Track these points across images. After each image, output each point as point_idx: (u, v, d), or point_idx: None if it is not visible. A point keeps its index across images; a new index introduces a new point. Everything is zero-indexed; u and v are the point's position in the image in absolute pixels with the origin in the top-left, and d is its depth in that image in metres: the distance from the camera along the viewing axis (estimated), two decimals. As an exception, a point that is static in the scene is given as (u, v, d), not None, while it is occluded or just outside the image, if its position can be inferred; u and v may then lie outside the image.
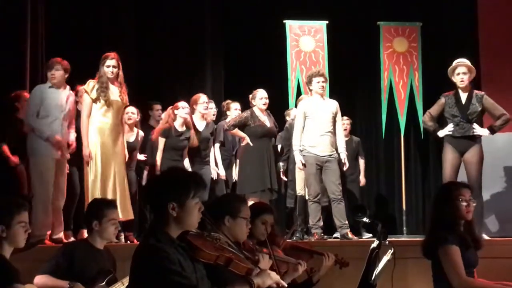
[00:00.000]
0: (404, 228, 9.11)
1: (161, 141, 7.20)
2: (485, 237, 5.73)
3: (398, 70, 9.50)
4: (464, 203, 3.90)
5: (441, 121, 6.76)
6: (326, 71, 8.98)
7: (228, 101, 8.21)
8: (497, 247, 5.64)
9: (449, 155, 6.62)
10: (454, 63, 6.72)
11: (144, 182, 7.48)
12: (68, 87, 6.42)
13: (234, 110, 7.95)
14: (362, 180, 8.65)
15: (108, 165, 6.32)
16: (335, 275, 4.87)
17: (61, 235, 6.26)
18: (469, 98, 6.60)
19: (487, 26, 9.49)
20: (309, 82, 7.12)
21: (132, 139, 7.17)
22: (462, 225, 3.89)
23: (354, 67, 9.93)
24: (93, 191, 6.19)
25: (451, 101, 6.67)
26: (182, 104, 7.29)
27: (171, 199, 2.88)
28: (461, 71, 6.62)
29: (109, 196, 6.08)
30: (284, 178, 7.95)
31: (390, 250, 3.98)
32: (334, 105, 7.08)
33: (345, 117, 8.47)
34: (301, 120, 7.04)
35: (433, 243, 3.87)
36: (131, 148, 7.10)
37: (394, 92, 9.45)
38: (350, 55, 9.86)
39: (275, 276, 3.10)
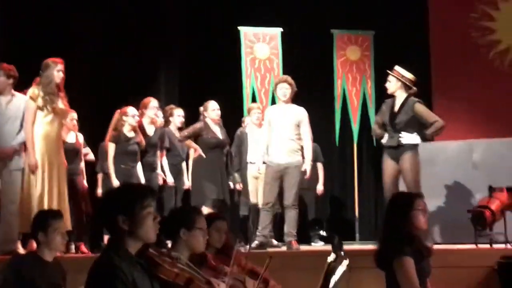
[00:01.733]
0: (357, 235, 9.19)
1: (111, 147, 7.10)
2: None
3: (351, 78, 9.59)
4: (422, 213, 3.92)
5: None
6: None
7: (172, 106, 8.10)
8: (442, 256, 5.68)
9: (385, 164, 6.70)
10: None
11: (99, 190, 7.35)
12: (16, 93, 6.23)
13: (177, 117, 7.84)
14: (320, 189, 8.68)
15: (53, 174, 6.19)
16: (292, 286, 4.91)
17: (13, 245, 6.08)
18: (402, 106, 6.65)
19: (438, 34, 9.69)
20: (275, 89, 7.06)
21: (72, 140, 7.04)
22: (417, 236, 3.89)
23: (308, 75, 9.92)
24: (40, 201, 6.04)
25: (386, 109, 6.77)
26: (131, 111, 7.16)
27: (119, 212, 2.84)
28: (388, 79, 6.76)
29: (55, 205, 5.96)
30: (239, 188, 7.94)
31: (345, 261, 3.96)
32: (299, 112, 6.94)
33: None
34: (266, 128, 6.99)
35: (387, 254, 3.87)
36: (74, 150, 6.97)
37: (347, 100, 9.54)
38: (304, 62, 9.88)
39: None
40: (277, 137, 6.83)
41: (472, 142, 7.47)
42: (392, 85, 6.73)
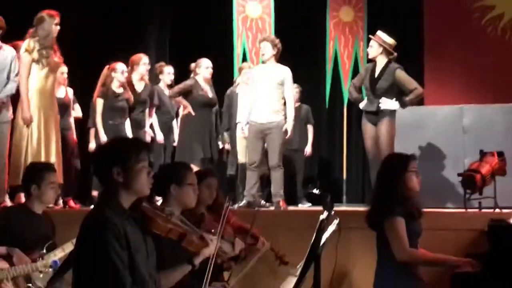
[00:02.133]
0: (344, 197, 9.22)
1: (99, 103, 7.07)
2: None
3: (343, 39, 9.51)
4: (415, 175, 3.93)
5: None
6: (272, 38, 8.95)
7: (162, 63, 8.03)
8: (432, 219, 5.71)
9: (364, 128, 6.75)
10: None
11: (90, 145, 7.30)
12: (3, 45, 6.11)
13: (166, 74, 7.79)
14: (308, 150, 8.72)
15: (50, 128, 6.14)
16: (281, 244, 4.94)
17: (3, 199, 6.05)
18: (382, 72, 6.67)
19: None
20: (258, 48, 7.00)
21: (62, 95, 6.97)
22: (409, 197, 3.90)
23: (300, 35, 9.87)
24: (37, 155, 5.99)
25: (366, 73, 6.77)
26: (120, 67, 7.12)
27: (114, 164, 2.82)
28: (370, 44, 6.80)
29: (53, 159, 5.92)
30: (227, 147, 7.93)
31: (335, 220, 3.97)
32: (282, 71, 6.84)
33: (295, 84, 8.47)
34: (250, 87, 6.95)
35: (379, 214, 3.88)
36: (64, 105, 6.91)
37: (339, 62, 9.48)
38: (297, 22, 9.79)
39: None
40: (260, 97, 6.77)
41: (462, 107, 7.46)
42: (374, 50, 6.75)
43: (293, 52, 9.80)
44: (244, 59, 9.03)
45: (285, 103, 6.89)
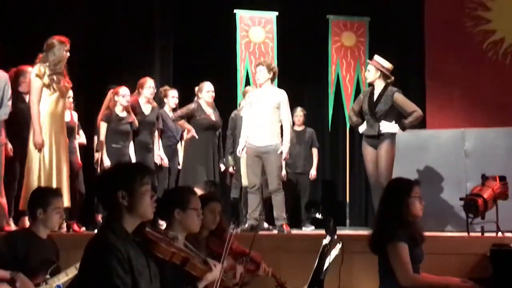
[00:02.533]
0: (347, 220, 9.22)
1: (103, 126, 7.13)
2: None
3: (345, 64, 9.59)
4: (418, 200, 3.94)
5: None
6: (275, 62, 9.03)
7: (166, 87, 8.09)
8: (434, 243, 5.72)
9: (365, 151, 6.78)
10: None
11: (96, 167, 7.35)
12: None
13: (171, 98, 7.85)
14: (313, 173, 8.75)
15: (61, 152, 6.20)
16: (284, 268, 4.94)
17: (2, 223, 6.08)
18: (381, 95, 6.71)
19: (433, 23, 9.70)
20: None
21: (67, 118, 7.03)
22: (412, 222, 3.91)
23: (303, 59, 9.95)
24: (49, 179, 6.03)
25: (365, 97, 6.82)
26: (123, 91, 7.17)
27: (119, 187, 2.85)
28: (367, 68, 6.87)
29: (64, 183, 5.97)
30: (232, 171, 7.96)
31: (338, 245, 3.99)
32: (278, 94, 6.87)
33: (299, 108, 8.64)
34: (247, 111, 7.00)
35: (381, 239, 3.89)
36: (70, 128, 6.97)
37: (341, 86, 9.55)
38: (299, 47, 9.88)
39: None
40: (257, 120, 6.81)
41: (464, 131, 7.47)
42: (371, 74, 6.80)
43: (295, 76, 9.91)
44: (247, 83, 9.10)
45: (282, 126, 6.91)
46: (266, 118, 6.77)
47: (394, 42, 9.56)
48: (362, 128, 6.81)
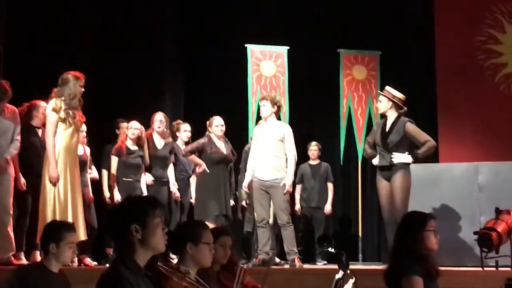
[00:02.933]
0: (360, 255, 9.14)
1: (113, 160, 7.22)
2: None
3: (357, 97, 9.60)
4: (433, 234, 3.90)
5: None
6: (286, 96, 9.10)
7: (179, 121, 8.15)
8: (449, 278, 5.66)
9: (379, 184, 6.75)
10: None
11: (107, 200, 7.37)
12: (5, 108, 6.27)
13: (183, 132, 7.89)
14: (328, 208, 8.77)
15: (76, 186, 6.24)
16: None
17: (9, 256, 6.07)
18: (393, 126, 6.69)
19: (444, 56, 9.71)
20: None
21: (80, 152, 7.07)
22: (427, 256, 3.87)
23: (314, 93, 10.00)
24: (64, 213, 6.04)
25: (378, 129, 6.80)
26: (132, 124, 7.30)
27: (132, 221, 2.84)
28: (379, 99, 6.88)
29: (80, 217, 5.98)
30: (245, 204, 7.95)
31: (351, 280, 3.95)
32: (283, 128, 6.94)
33: (313, 142, 8.69)
34: (252, 144, 7.04)
35: (396, 273, 3.84)
36: (82, 162, 7.01)
37: (352, 119, 9.55)
38: (310, 81, 9.94)
39: None
40: (262, 154, 6.84)
41: (478, 164, 7.44)
42: (383, 105, 6.79)
43: (307, 109, 9.95)
44: (259, 116, 9.11)
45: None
46: (271, 152, 6.80)
47: (405, 75, 9.57)
48: (375, 161, 6.79)
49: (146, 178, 7.36)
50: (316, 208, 8.66)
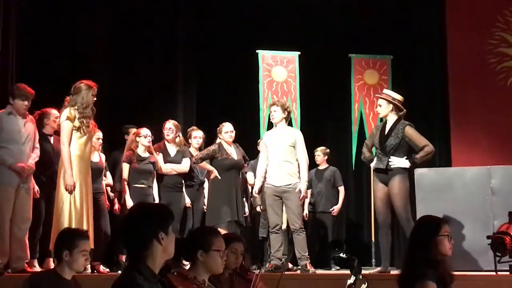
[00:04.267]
0: (373, 260, 9.10)
1: (125, 167, 7.25)
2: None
3: (368, 102, 9.57)
4: (447, 239, 3.88)
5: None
6: (297, 101, 9.09)
7: (193, 127, 8.19)
8: (462, 283, 5.63)
9: (375, 186, 6.73)
10: None
11: (116, 208, 7.40)
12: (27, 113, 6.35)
13: (193, 138, 7.92)
14: (336, 208, 8.71)
15: (89, 194, 6.28)
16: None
17: (23, 264, 6.11)
18: (392, 129, 6.64)
19: (456, 60, 9.66)
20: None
21: (96, 159, 7.10)
22: (441, 261, 3.85)
23: (325, 98, 9.99)
24: (80, 220, 6.08)
25: (377, 132, 6.77)
26: (144, 132, 7.32)
27: (160, 229, 2.86)
28: (378, 103, 6.83)
29: (91, 225, 6.02)
30: (259, 210, 7.96)
31: (363, 285, 3.95)
32: (293, 134, 6.95)
33: (322, 147, 8.66)
34: (263, 151, 7.04)
35: (410, 278, 3.82)
36: (99, 169, 7.04)
37: (364, 124, 9.53)
38: (321, 86, 9.94)
39: None
40: (274, 160, 6.85)
41: (490, 168, 7.39)
42: (383, 108, 6.75)
43: (318, 114, 9.94)
44: (270, 122, 9.12)
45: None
46: (283, 158, 6.81)
47: (417, 79, 9.56)
48: (373, 164, 6.77)
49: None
50: (322, 212, 8.66)
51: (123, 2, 9.23)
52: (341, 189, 8.80)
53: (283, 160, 6.81)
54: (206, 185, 7.89)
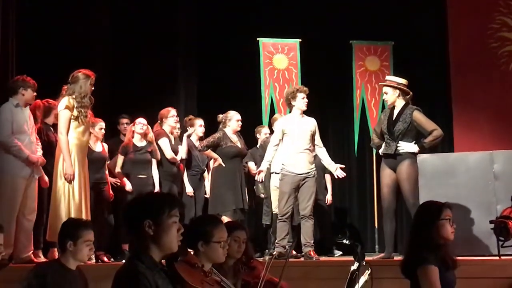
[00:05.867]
0: (376, 246, 9.12)
1: (119, 159, 7.31)
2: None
3: (370, 88, 9.58)
4: (449, 223, 3.89)
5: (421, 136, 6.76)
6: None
7: (191, 116, 8.17)
8: (465, 267, 5.63)
9: (382, 173, 6.71)
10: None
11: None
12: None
13: (198, 127, 7.90)
14: (329, 198, 8.67)
15: (86, 184, 6.29)
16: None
17: (30, 254, 6.14)
18: (400, 114, 6.61)
19: (457, 45, 9.62)
20: (293, 97, 6.92)
21: (99, 149, 7.10)
22: (443, 245, 3.86)
23: (327, 85, 9.97)
24: (79, 210, 6.08)
25: (385, 117, 6.75)
26: (139, 120, 7.35)
27: (146, 216, 2.84)
28: (384, 91, 6.79)
29: (89, 214, 6.03)
30: (262, 196, 7.97)
31: (367, 271, 3.95)
32: (312, 123, 6.96)
33: None
34: (277, 136, 6.94)
35: (412, 263, 3.84)
36: (102, 159, 7.04)
37: (366, 110, 9.53)
38: (323, 73, 9.92)
39: None
40: (295, 148, 6.82)
41: (493, 153, 7.36)
42: (390, 96, 6.72)
43: (320, 102, 9.92)
44: (272, 110, 9.13)
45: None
46: (305, 146, 6.83)
47: (418, 65, 9.53)
48: (381, 149, 6.76)
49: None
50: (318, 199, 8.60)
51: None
52: (328, 177, 8.64)
53: (304, 148, 6.83)
54: (206, 174, 7.90)
